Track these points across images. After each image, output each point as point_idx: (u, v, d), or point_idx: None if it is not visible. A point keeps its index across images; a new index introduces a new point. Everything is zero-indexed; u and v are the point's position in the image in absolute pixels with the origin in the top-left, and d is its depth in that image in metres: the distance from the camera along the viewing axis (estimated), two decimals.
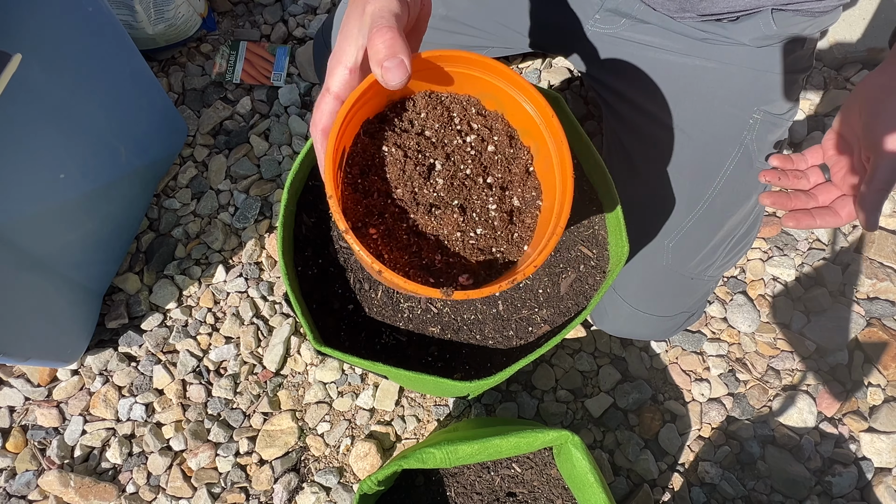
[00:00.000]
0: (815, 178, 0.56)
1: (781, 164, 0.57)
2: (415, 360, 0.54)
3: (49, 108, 0.66)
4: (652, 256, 0.69)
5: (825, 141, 0.56)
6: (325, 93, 0.37)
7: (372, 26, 0.34)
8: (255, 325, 0.87)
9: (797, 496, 0.80)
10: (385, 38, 0.33)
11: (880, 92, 0.49)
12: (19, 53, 0.52)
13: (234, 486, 0.80)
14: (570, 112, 0.56)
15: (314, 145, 0.39)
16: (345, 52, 0.36)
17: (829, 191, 0.54)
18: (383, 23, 0.33)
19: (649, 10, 0.64)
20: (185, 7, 0.94)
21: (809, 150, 0.57)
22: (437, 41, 0.76)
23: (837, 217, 0.52)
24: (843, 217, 0.52)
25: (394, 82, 0.33)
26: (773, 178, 0.56)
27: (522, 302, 0.54)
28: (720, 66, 0.64)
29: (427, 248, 0.41)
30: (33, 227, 0.67)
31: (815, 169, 0.56)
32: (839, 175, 0.53)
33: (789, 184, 0.56)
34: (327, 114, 0.37)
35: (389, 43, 0.33)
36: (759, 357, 0.88)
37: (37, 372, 0.83)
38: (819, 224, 0.52)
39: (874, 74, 0.51)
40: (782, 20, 0.59)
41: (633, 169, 0.70)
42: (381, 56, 0.33)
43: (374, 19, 0.34)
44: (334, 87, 0.37)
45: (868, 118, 0.49)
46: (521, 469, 0.70)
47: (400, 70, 0.33)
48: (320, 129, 0.37)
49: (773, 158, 0.58)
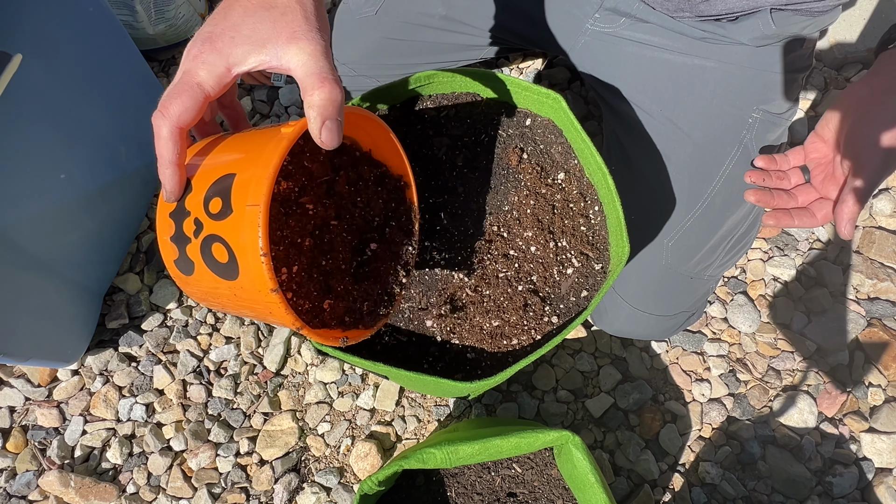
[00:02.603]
0: (796, 179, 0.58)
1: (765, 164, 0.59)
2: (415, 361, 0.54)
3: (49, 108, 0.66)
4: (651, 256, 0.69)
5: (807, 143, 0.57)
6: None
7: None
8: (255, 325, 0.87)
9: (798, 496, 0.80)
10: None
11: (863, 104, 0.51)
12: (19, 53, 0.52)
13: (235, 487, 0.80)
14: (571, 112, 0.56)
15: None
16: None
17: (809, 192, 0.56)
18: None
19: (649, 10, 0.65)
20: (186, 7, 0.94)
21: (792, 151, 0.58)
22: (435, 40, 0.76)
23: (814, 218, 0.54)
24: (819, 219, 0.54)
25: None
26: (757, 178, 0.58)
27: (523, 302, 0.54)
28: (719, 66, 0.64)
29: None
30: (34, 228, 0.67)
31: (797, 170, 0.58)
32: (818, 178, 0.56)
33: (772, 183, 0.58)
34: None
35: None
36: (760, 357, 0.88)
37: (37, 372, 0.83)
38: (797, 224, 0.55)
39: (859, 85, 0.53)
40: (781, 20, 0.59)
41: (632, 168, 0.70)
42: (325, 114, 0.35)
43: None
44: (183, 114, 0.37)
45: (850, 129, 0.51)
46: (521, 469, 0.70)
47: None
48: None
49: (758, 159, 0.60)
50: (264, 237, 0.33)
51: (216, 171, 0.37)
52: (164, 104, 0.36)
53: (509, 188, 0.59)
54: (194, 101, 0.36)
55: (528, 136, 0.61)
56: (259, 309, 0.37)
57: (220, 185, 0.36)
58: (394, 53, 0.77)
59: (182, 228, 0.37)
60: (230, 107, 0.44)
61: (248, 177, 0.34)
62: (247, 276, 0.35)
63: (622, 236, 0.52)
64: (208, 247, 0.36)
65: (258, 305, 0.36)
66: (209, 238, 0.36)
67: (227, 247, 0.35)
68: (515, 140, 0.61)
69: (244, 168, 0.35)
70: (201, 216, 0.36)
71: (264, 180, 0.33)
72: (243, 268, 0.35)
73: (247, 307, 0.38)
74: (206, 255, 0.36)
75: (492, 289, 0.55)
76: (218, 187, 0.36)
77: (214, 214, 0.35)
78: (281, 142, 0.35)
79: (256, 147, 0.36)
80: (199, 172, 0.38)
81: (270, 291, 0.34)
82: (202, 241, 0.36)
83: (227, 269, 0.36)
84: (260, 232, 0.33)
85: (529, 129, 0.61)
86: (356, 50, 0.77)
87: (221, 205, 0.35)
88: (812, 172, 0.57)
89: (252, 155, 0.36)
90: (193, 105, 0.36)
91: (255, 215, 0.33)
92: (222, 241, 0.35)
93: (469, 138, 0.60)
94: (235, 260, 0.35)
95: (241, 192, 0.34)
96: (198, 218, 0.36)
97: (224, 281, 0.36)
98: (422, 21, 0.73)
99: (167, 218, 0.39)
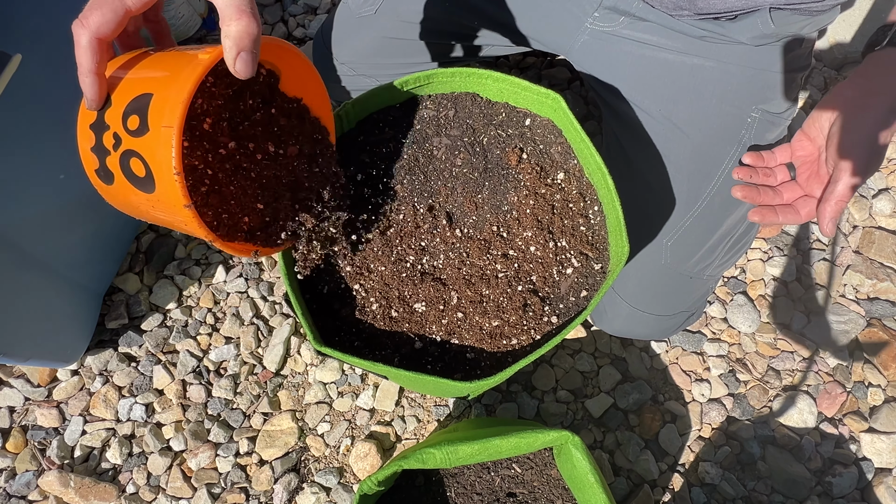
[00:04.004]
0: (782, 176, 0.59)
1: (753, 161, 0.60)
2: (415, 361, 0.54)
3: (49, 108, 0.66)
4: (651, 255, 0.69)
5: (794, 141, 0.59)
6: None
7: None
8: (255, 325, 0.87)
9: (797, 496, 0.80)
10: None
11: (848, 104, 0.52)
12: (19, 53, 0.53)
13: (234, 487, 0.80)
14: (570, 112, 0.57)
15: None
16: None
17: (793, 189, 0.58)
18: None
19: (648, 8, 0.65)
20: (186, 7, 0.94)
21: (779, 149, 0.60)
22: (435, 39, 0.76)
23: (797, 215, 0.56)
24: (803, 216, 0.56)
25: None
26: (744, 174, 0.59)
27: (523, 302, 0.54)
28: (718, 65, 0.64)
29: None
30: (34, 228, 0.67)
31: (783, 167, 0.59)
32: (804, 176, 0.57)
33: (759, 180, 0.59)
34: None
35: None
36: (760, 357, 0.88)
37: (37, 372, 0.83)
38: (781, 220, 0.56)
39: (845, 85, 0.54)
40: (780, 19, 0.59)
41: (631, 168, 0.70)
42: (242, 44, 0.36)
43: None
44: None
45: (835, 129, 0.52)
46: (521, 469, 0.70)
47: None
48: None
49: (745, 156, 0.61)
50: (177, 158, 0.35)
51: (135, 89, 0.39)
52: (84, 14, 0.38)
53: (509, 188, 0.59)
54: (115, 14, 0.37)
55: (527, 136, 0.61)
56: (175, 222, 0.40)
57: (137, 104, 0.38)
58: (393, 53, 0.77)
59: (102, 141, 0.40)
60: (154, 20, 0.45)
61: (164, 98, 0.36)
62: (162, 191, 0.37)
63: (622, 236, 0.52)
64: (126, 161, 0.38)
65: (174, 219, 0.39)
66: (127, 153, 0.38)
67: (144, 163, 0.37)
68: (515, 140, 0.61)
69: (161, 88, 0.37)
70: (120, 131, 0.38)
71: (178, 104, 0.35)
72: (159, 184, 0.37)
73: (164, 219, 0.41)
74: (125, 168, 0.39)
75: (491, 289, 0.55)
76: (136, 105, 0.38)
77: (132, 131, 0.38)
78: (196, 67, 0.36)
79: (174, 69, 0.38)
80: (119, 88, 0.40)
81: (184, 207, 0.37)
82: (121, 155, 0.38)
83: (144, 183, 0.38)
84: (174, 152, 0.35)
85: (529, 128, 0.61)
86: (356, 49, 0.77)
87: (139, 122, 0.37)
88: (798, 170, 0.58)
89: (169, 77, 0.38)
90: (114, 18, 0.37)
91: (169, 136, 0.35)
92: (139, 157, 0.37)
93: (469, 138, 0.60)
94: (152, 176, 0.37)
95: (158, 112, 0.36)
96: (116, 133, 0.38)
97: (142, 193, 0.39)
98: (421, 20, 0.73)
99: (87, 129, 0.41)
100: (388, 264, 0.55)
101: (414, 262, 0.56)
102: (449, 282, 0.55)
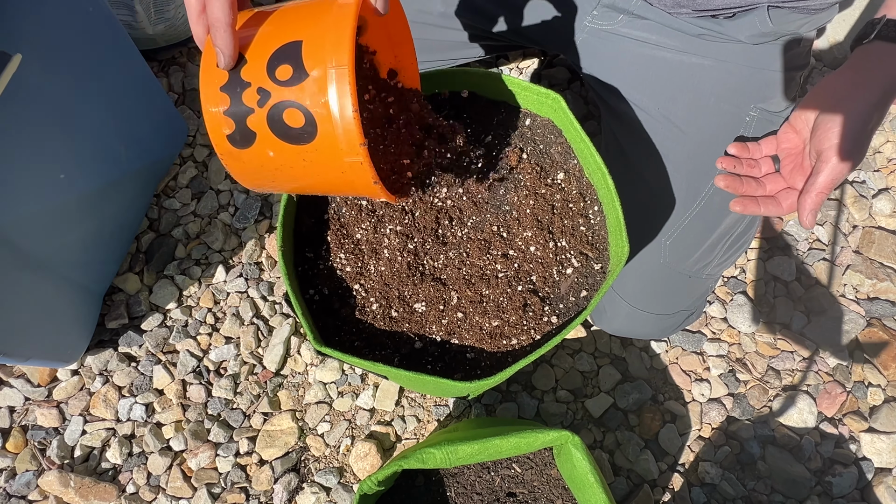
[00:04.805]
0: (766, 168, 0.59)
1: (738, 152, 0.60)
2: (415, 361, 0.54)
3: (49, 108, 0.66)
4: (650, 254, 0.69)
5: (780, 133, 0.58)
6: None
7: None
8: (255, 325, 0.87)
9: (797, 496, 0.80)
10: None
11: (834, 96, 0.52)
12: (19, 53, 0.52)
13: (234, 487, 0.80)
14: (570, 112, 0.57)
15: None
16: None
17: (777, 181, 0.57)
18: None
19: (647, 6, 0.65)
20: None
21: (765, 140, 0.59)
22: (434, 37, 0.76)
23: (779, 207, 0.56)
24: (785, 208, 0.56)
25: None
26: (728, 164, 0.59)
27: (523, 302, 0.54)
28: (717, 64, 0.65)
29: None
30: (33, 228, 0.67)
31: (768, 159, 0.59)
32: (787, 168, 0.57)
33: (743, 171, 0.59)
34: None
35: None
36: (760, 357, 0.88)
37: (37, 372, 0.83)
38: (763, 212, 0.56)
39: (832, 77, 0.54)
40: (778, 17, 0.60)
41: (630, 167, 0.70)
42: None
43: None
44: None
45: (820, 121, 0.52)
46: (521, 469, 0.70)
47: None
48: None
49: (730, 146, 0.60)
50: (353, 96, 0.35)
51: (275, 41, 0.38)
52: None
53: (509, 188, 0.59)
54: None
55: (527, 136, 0.61)
56: (328, 172, 0.39)
57: (285, 52, 0.37)
58: None
59: (241, 99, 0.38)
60: None
61: (320, 42, 0.36)
62: (326, 137, 0.36)
63: (621, 236, 0.52)
64: (279, 113, 0.37)
65: (329, 169, 0.38)
66: (280, 104, 0.37)
67: (304, 110, 0.36)
68: (515, 140, 0.61)
69: (311, 34, 0.37)
70: (266, 84, 0.37)
71: (344, 42, 0.35)
72: (323, 130, 0.36)
73: (312, 171, 0.39)
74: (275, 122, 0.37)
75: (491, 289, 0.55)
76: (282, 55, 0.37)
77: (284, 81, 0.37)
78: (349, 6, 0.36)
79: (316, 14, 0.37)
80: (252, 44, 0.39)
81: (360, 146, 0.36)
82: (270, 109, 0.37)
83: (299, 135, 0.37)
84: (349, 90, 0.35)
85: (529, 128, 0.62)
86: None
87: (292, 71, 0.36)
88: (782, 162, 0.58)
89: (314, 21, 0.37)
90: None
91: (343, 75, 0.35)
92: (298, 107, 0.36)
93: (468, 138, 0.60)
94: (314, 122, 0.36)
95: (315, 56, 0.36)
96: (262, 87, 0.37)
97: (293, 147, 0.38)
98: (420, 18, 0.73)
99: (217, 92, 0.39)
100: (388, 264, 0.55)
101: (414, 262, 0.56)
102: (449, 282, 0.55)
